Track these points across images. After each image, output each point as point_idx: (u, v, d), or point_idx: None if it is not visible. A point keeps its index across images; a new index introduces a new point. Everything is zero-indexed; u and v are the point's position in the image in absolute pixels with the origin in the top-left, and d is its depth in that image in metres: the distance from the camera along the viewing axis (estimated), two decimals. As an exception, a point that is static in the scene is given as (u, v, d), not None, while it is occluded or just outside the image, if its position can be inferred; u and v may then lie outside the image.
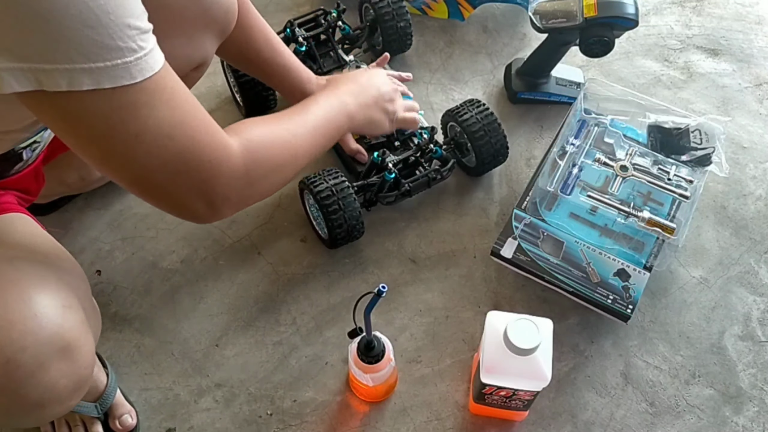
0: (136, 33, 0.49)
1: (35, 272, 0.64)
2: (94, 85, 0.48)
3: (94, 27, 0.46)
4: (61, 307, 0.63)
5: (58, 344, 0.61)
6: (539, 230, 0.96)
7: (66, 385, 0.62)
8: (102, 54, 0.47)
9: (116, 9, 0.47)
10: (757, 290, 1.00)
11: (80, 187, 1.02)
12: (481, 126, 1.01)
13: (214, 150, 0.59)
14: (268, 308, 0.97)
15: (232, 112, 1.17)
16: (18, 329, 0.58)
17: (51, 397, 0.62)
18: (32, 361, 0.59)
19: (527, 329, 0.72)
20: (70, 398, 0.65)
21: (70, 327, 0.63)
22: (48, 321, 0.61)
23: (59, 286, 0.65)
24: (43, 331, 0.60)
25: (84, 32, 0.46)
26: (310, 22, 1.16)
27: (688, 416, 0.89)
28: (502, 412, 0.85)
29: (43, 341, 0.59)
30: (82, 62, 0.47)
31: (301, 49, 1.11)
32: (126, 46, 0.48)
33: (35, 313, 0.60)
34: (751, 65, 1.26)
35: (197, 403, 0.89)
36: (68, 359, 0.62)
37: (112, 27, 0.47)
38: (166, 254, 1.02)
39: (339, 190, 0.93)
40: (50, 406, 0.63)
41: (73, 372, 0.63)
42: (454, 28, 1.30)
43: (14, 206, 0.75)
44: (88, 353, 0.65)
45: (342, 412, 0.89)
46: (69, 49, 0.46)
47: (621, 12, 0.98)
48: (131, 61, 0.49)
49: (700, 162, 1.01)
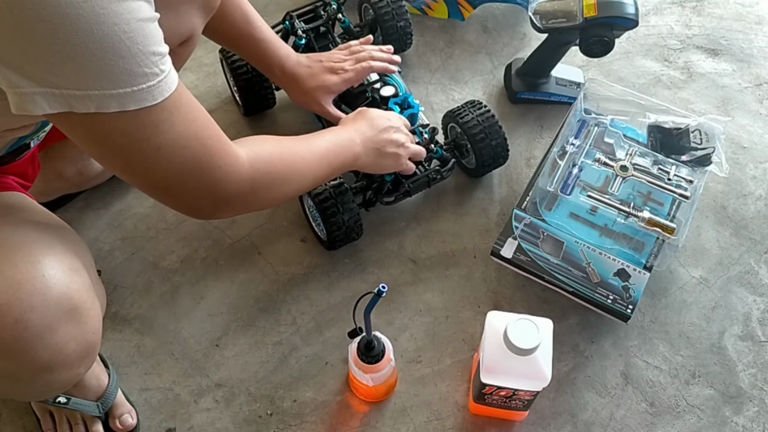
0: (159, 58, 0.53)
1: (41, 237, 0.66)
2: (120, 107, 0.51)
3: (125, 57, 0.50)
4: (68, 270, 0.64)
5: (65, 306, 0.62)
6: (539, 230, 0.96)
7: (75, 349, 0.63)
8: (129, 80, 0.51)
9: (144, 39, 0.51)
10: (757, 290, 1.00)
11: (79, 182, 1.02)
12: (481, 128, 1.01)
13: (224, 157, 0.63)
14: (268, 308, 0.97)
15: (233, 112, 1.17)
16: (26, 289, 0.60)
17: (59, 360, 0.63)
18: (40, 322, 0.60)
19: (527, 329, 0.72)
20: (78, 364, 0.66)
21: (77, 289, 0.64)
22: (56, 282, 0.62)
23: (65, 250, 0.66)
24: (50, 291, 0.61)
25: (116, 62, 0.49)
26: (310, 13, 1.15)
27: (688, 416, 0.89)
28: (502, 412, 0.85)
29: (51, 302, 0.61)
30: (111, 88, 0.50)
31: (301, 42, 1.10)
32: (150, 72, 0.52)
33: (42, 274, 0.61)
34: (751, 65, 1.26)
35: (197, 403, 0.89)
36: (76, 321, 0.63)
37: (139, 56, 0.51)
38: (166, 254, 1.02)
39: (337, 192, 0.93)
40: (58, 370, 0.64)
41: (81, 336, 0.64)
42: (454, 28, 1.30)
43: (16, 187, 0.77)
44: (96, 318, 0.67)
45: (342, 412, 0.89)
46: (101, 77, 0.49)
47: (621, 12, 0.98)
48: (153, 85, 0.53)
49: (700, 162, 1.01)
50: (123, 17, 0.49)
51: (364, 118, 0.92)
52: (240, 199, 0.68)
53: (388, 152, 0.91)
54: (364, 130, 0.89)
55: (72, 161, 0.98)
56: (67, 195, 1.05)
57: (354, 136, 0.87)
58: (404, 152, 0.94)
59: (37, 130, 0.73)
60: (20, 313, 0.59)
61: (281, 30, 1.12)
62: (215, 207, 0.66)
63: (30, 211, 0.72)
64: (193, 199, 0.64)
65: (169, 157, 0.58)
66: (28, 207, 0.74)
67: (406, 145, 0.94)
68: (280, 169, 0.73)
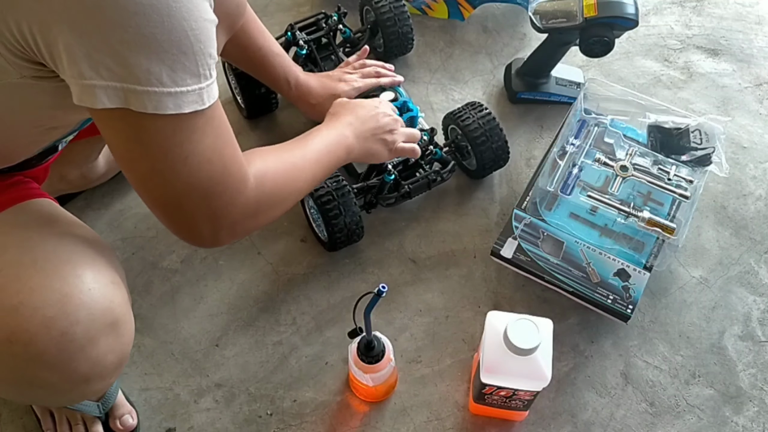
0: (213, 62, 0.54)
1: (84, 250, 0.66)
2: (177, 109, 0.51)
3: (187, 54, 0.50)
4: (111, 284, 0.65)
5: (108, 319, 0.63)
6: (539, 230, 0.96)
7: (112, 360, 0.64)
8: (187, 79, 0.51)
9: (206, 40, 0.52)
10: (757, 290, 1.00)
11: (81, 184, 1.03)
12: (483, 132, 1.01)
13: (238, 180, 0.62)
14: (268, 308, 0.97)
15: (233, 112, 1.17)
16: (73, 303, 0.60)
17: (98, 371, 0.64)
18: (84, 335, 0.61)
19: (527, 329, 0.72)
20: (113, 374, 0.67)
21: (118, 303, 0.65)
22: (100, 296, 0.63)
23: (106, 264, 0.67)
24: (95, 305, 0.62)
25: (179, 58, 0.50)
26: (311, 25, 1.16)
27: (688, 416, 0.89)
28: (502, 412, 0.85)
29: (95, 315, 0.62)
30: (170, 85, 0.50)
31: (302, 52, 1.11)
32: (203, 73, 0.53)
33: (89, 288, 0.62)
34: (751, 65, 1.26)
35: (197, 403, 0.89)
36: (115, 334, 0.64)
37: (200, 55, 0.51)
38: (166, 254, 1.02)
39: (340, 195, 0.93)
40: (95, 381, 0.65)
41: (119, 347, 0.65)
42: (454, 28, 1.30)
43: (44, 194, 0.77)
44: (131, 330, 0.68)
45: (342, 412, 0.89)
46: (162, 72, 0.49)
47: (621, 12, 0.98)
48: (204, 88, 0.53)
49: (700, 162, 1.01)
50: (193, 14, 0.49)
51: (349, 109, 0.90)
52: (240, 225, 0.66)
53: (381, 138, 0.90)
54: (351, 121, 0.88)
55: (77, 165, 0.98)
56: (67, 194, 1.05)
57: (344, 130, 0.86)
58: (397, 136, 0.92)
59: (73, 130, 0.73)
60: (67, 326, 0.59)
61: (283, 41, 1.12)
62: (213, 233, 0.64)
63: (66, 222, 0.72)
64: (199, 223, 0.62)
65: (191, 170, 0.57)
66: (63, 216, 0.74)
67: (397, 128, 0.93)
68: (282, 189, 0.72)
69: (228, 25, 0.77)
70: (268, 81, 1.02)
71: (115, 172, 1.07)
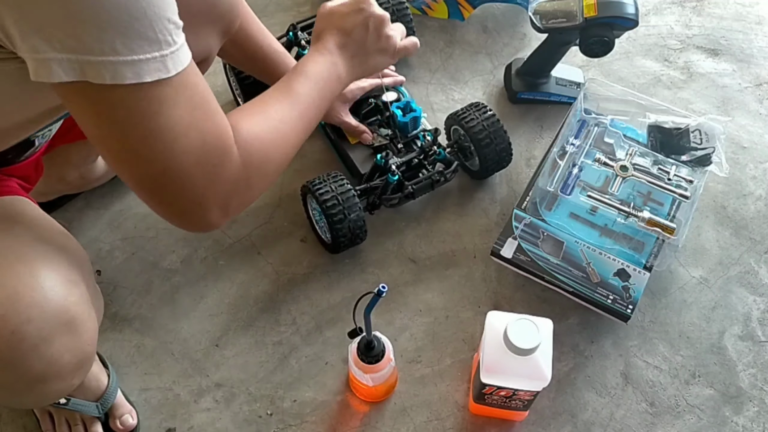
0: (174, 27, 0.51)
1: (41, 247, 0.65)
2: (136, 78, 0.49)
3: (140, 19, 0.48)
4: (67, 282, 0.64)
5: (62, 318, 0.61)
6: (539, 230, 0.96)
7: (69, 360, 0.63)
8: (144, 46, 0.49)
9: (159, 2, 0.49)
10: (757, 290, 1.00)
11: (80, 185, 1.03)
12: (487, 134, 1.00)
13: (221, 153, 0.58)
14: (268, 308, 0.97)
15: (232, 112, 1.17)
16: (24, 301, 0.59)
17: (54, 371, 0.62)
18: (37, 334, 0.59)
19: (527, 329, 0.72)
20: (73, 375, 0.65)
21: (74, 301, 0.63)
22: (54, 294, 0.61)
23: (64, 261, 0.65)
24: (48, 303, 0.61)
25: (131, 24, 0.48)
26: (313, 25, 1.15)
27: (688, 416, 0.89)
28: (502, 412, 0.85)
29: (48, 314, 0.60)
30: (126, 54, 0.48)
31: (304, 52, 1.11)
32: (164, 39, 0.50)
33: (42, 286, 0.61)
34: (751, 65, 1.26)
35: (197, 403, 0.89)
36: (72, 334, 0.63)
37: (155, 20, 0.49)
38: (166, 254, 1.02)
39: (345, 198, 0.93)
40: (52, 382, 0.63)
41: (77, 347, 0.64)
42: (454, 28, 1.30)
43: (19, 191, 0.76)
44: (92, 330, 0.66)
45: (342, 412, 0.89)
46: (115, 40, 0.47)
47: (621, 12, 0.98)
48: (167, 54, 0.51)
49: (700, 162, 1.01)
50: None
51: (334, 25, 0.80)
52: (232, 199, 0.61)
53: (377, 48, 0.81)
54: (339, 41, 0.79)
55: (75, 166, 0.98)
56: (66, 195, 1.05)
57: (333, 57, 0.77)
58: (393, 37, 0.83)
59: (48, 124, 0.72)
60: (17, 324, 0.58)
61: (284, 41, 1.12)
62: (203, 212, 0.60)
63: (31, 218, 0.71)
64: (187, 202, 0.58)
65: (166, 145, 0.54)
66: (30, 213, 0.73)
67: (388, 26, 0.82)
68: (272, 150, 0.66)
69: (223, 28, 0.76)
70: (271, 81, 1.00)
71: (115, 173, 1.07)
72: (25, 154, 0.76)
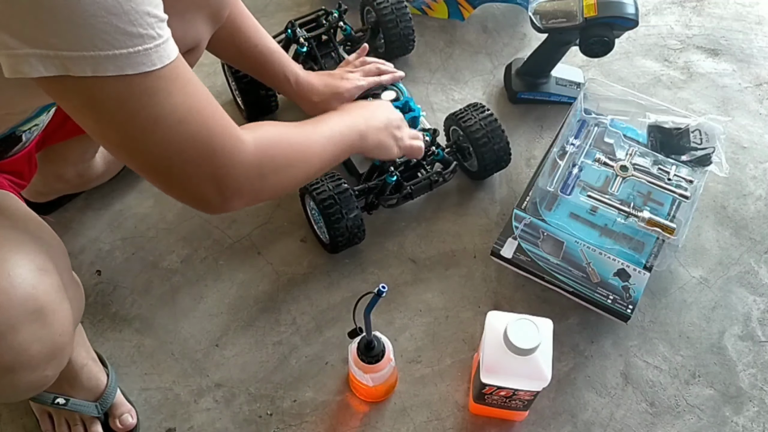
0: (155, 21, 0.51)
1: (12, 236, 0.64)
2: (118, 71, 0.50)
3: (117, 14, 0.48)
4: (37, 270, 0.62)
5: (31, 306, 0.60)
6: (539, 230, 0.96)
7: (39, 350, 0.61)
8: (125, 41, 0.49)
9: None
10: (757, 290, 1.00)
11: (78, 184, 1.02)
12: (484, 132, 1.01)
13: (227, 139, 0.60)
14: (268, 308, 0.97)
15: (232, 112, 1.17)
16: None
17: (22, 361, 0.61)
18: (3, 322, 0.58)
19: (527, 329, 0.72)
20: (44, 366, 0.63)
21: (44, 290, 0.62)
22: (21, 281, 0.60)
23: (36, 250, 0.64)
24: (15, 290, 0.59)
25: (108, 20, 0.48)
26: (312, 22, 1.15)
27: (688, 416, 0.89)
28: (502, 412, 0.85)
29: (15, 302, 0.59)
30: (106, 49, 0.48)
31: (303, 49, 1.10)
32: (146, 33, 0.50)
33: (8, 273, 0.59)
34: (751, 65, 1.26)
35: (197, 403, 0.89)
36: (41, 323, 0.61)
37: (133, 14, 0.49)
38: (166, 254, 1.02)
39: (342, 198, 0.93)
40: (21, 372, 0.61)
41: (47, 337, 0.62)
42: (454, 28, 1.30)
43: (7, 186, 0.75)
44: (64, 319, 0.64)
45: (342, 412, 0.89)
46: (93, 36, 0.48)
47: (621, 12, 0.98)
48: (151, 48, 0.51)
49: (700, 162, 1.01)
50: None
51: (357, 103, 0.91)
52: (248, 185, 0.64)
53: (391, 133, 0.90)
54: (362, 112, 0.88)
55: (73, 164, 0.98)
56: (66, 195, 1.05)
57: (356, 118, 0.85)
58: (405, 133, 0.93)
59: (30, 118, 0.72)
60: None
61: (283, 39, 1.12)
62: (221, 195, 0.62)
63: (8, 210, 0.70)
64: (197, 186, 0.60)
65: (164, 133, 0.55)
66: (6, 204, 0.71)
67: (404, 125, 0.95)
68: (288, 152, 0.70)
69: (210, 14, 0.76)
70: (267, 79, 1.01)
71: (115, 172, 1.07)
72: (14, 149, 0.76)
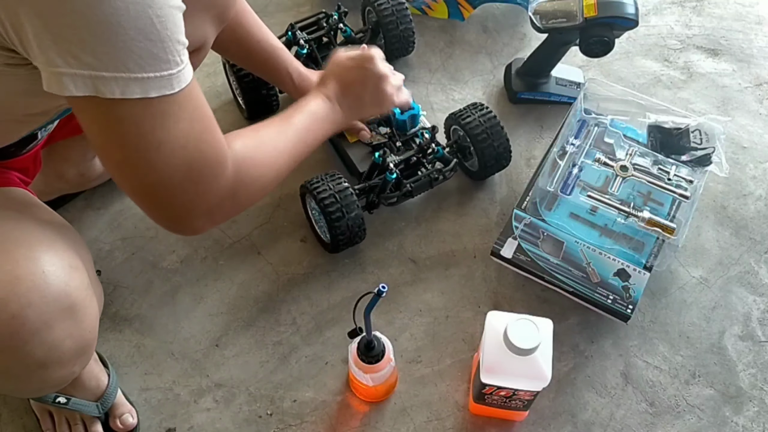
0: (181, 48, 0.54)
1: (42, 234, 0.66)
2: (143, 94, 0.52)
3: (154, 41, 0.50)
4: (68, 267, 0.64)
5: (63, 303, 0.62)
6: (539, 230, 0.96)
7: (70, 346, 0.63)
8: (154, 65, 0.51)
9: (173, 26, 0.52)
10: (757, 290, 1.00)
11: (79, 183, 1.03)
12: (483, 129, 1.01)
13: (214, 166, 0.61)
14: (268, 308, 0.97)
15: (233, 112, 1.17)
16: (25, 285, 0.59)
17: (54, 357, 0.63)
18: (37, 318, 0.60)
19: (527, 329, 0.72)
20: (74, 362, 0.66)
21: (75, 287, 0.64)
22: (55, 278, 0.62)
23: (65, 248, 0.66)
24: (49, 288, 0.61)
25: (144, 44, 0.50)
26: (312, 25, 1.16)
27: (688, 416, 0.89)
28: (502, 412, 0.85)
29: (49, 298, 0.61)
30: (137, 72, 0.50)
31: (303, 51, 1.11)
32: (173, 59, 0.53)
33: (42, 270, 0.61)
34: (751, 65, 1.26)
35: (197, 403, 0.89)
36: (73, 319, 0.63)
37: (167, 41, 0.51)
38: (166, 254, 1.02)
39: (342, 197, 0.93)
40: (53, 368, 0.64)
41: (78, 333, 0.64)
42: (454, 28, 1.30)
43: (19, 183, 0.77)
44: (93, 316, 0.66)
45: (342, 412, 0.89)
46: (128, 59, 0.50)
47: (621, 12, 0.98)
48: (174, 73, 0.53)
49: (700, 162, 1.01)
50: (156, 1, 0.50)
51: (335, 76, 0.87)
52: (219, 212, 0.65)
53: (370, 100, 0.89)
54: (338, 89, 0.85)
55: (74, 163, 0.98)
56: (67, 194, 1.05)
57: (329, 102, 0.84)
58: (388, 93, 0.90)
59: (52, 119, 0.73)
60: (18, 309, 0.59)
61: (284, 41, 1.12)
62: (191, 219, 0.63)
63: (32, 208, 0.72)
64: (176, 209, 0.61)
65: (166, 157, 0.56)
66: (31, 203, 0.73)
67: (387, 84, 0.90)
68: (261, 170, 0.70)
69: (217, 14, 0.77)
70: (269, 76, 1.01)
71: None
72: (28, 146, 0.77)
